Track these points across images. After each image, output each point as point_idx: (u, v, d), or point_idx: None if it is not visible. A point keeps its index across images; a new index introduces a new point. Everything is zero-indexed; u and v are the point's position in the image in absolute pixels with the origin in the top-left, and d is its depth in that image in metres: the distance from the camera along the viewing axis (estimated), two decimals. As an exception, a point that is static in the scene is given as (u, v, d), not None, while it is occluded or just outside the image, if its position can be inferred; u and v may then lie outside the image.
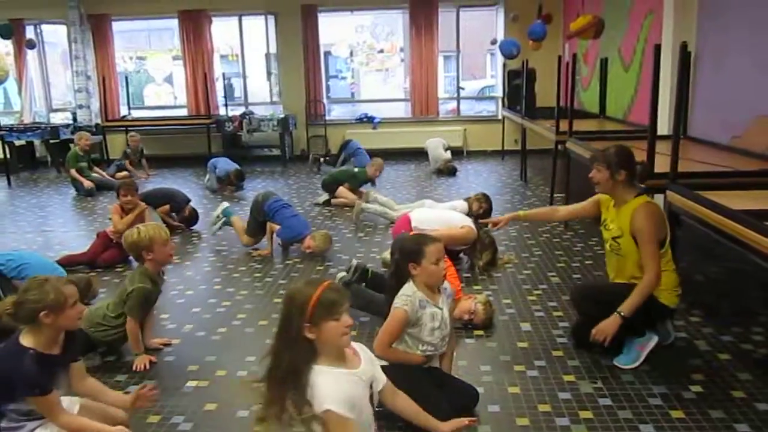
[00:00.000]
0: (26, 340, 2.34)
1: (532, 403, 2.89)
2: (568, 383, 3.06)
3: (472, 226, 4.92)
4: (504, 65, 10.29)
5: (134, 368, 3.31)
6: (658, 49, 3.55)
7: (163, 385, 3.12)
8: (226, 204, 5.84)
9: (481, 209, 6.07)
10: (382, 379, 2.28)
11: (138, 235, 3.37)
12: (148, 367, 3.33)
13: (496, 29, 11.27)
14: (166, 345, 3.62)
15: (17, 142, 10.41)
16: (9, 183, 9.23)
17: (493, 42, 10.89)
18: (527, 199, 7.33)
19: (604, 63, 7.32)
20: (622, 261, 3.27)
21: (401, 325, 2.73)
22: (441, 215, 5.19)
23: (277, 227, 5.35)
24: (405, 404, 2.43)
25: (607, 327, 3.06)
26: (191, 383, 3.18)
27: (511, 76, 9.76)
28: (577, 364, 3.25)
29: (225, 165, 8.38)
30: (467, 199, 6.23)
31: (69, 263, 4.92)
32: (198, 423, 2.78)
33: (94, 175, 8.79)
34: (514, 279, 4.58)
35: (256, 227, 5.51)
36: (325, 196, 7.45)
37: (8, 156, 9.84)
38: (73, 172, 8.51)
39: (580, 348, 3.39)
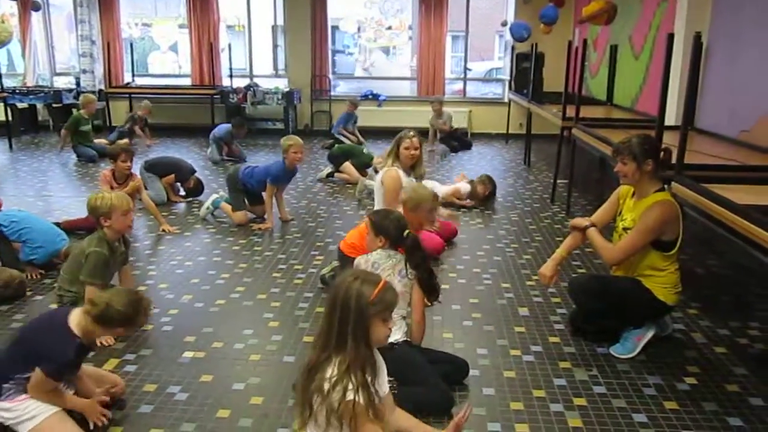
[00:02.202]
0: (75, 324, 2.38)
1: (527, 388, 2.89)
2: (563, 370, 3.07)
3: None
4: (512, 48, 10.20)
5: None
6: (671, 38, 3.50)
7: (160, 355, 3.14)
8: (215, 195, 5.81)
9: (486, 191, 6.13)
10: (386, 387, 2.26)
11: (99, 201, 3.40)
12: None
13: (506, 11, 11.16)
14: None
15: (20, 105, 10.36)
16: (10, 146, 9.19)
17: (504, 24, 10.78)
18: (530, 183, 7.30)
19: (613, 50, 7.25)
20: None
21: None
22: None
23: (272, 188, 5.39)
24: (403, 418, 2.38)
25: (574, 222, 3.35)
26: (188, 354, 3.19)
27: (519, 59, 9.68)
28: (573, 351, 3.26)
29: (225, 128, 8.35)
30: (471, 182, 6.26)
31: (71, 228, 4.92)
32: (194, 394, 2.79)
33: (97, 141, 8.74)
34: (514, 264, 4.58)
35: (239, 198, 5.55)
36: (328, 170, 7.43)
37: (10, 119, 9.78)
38: (64, 132, 8.45)
39: (576, 335, 3.40)
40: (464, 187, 6.26)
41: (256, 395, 2.81)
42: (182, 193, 6.42)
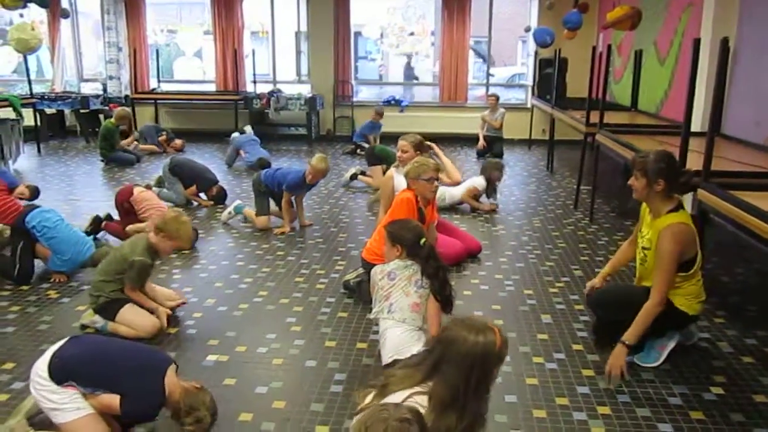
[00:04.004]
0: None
1: (550, 395, 2.88)
2: (587, 378, 3.04)
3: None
4: (535, 53, 10.16)
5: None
6: (697, 43, 3.47)
7: (184, 358, 3.17)
8: (238, 201, 5.87)
9: (498, 175, 6.22)
10: None
11: (179, 225, 3.47)
12: (165, 323, 3.48)
13: (529, 16, 11.12)
14: (181, 305, 3.73)
15: (48, 111, 10.53)
16: (39, 150, 9.36)
17: (527, 29, 10.73)
18: (552, 189, 7.26)
19: (638, 55, 7.19)
20: (646, 272, 3.22)
21: None
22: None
23: (285, 187, 5.43)
24: None
25: (616, 360, 2.95)
26: (211, 357, 3.22)
27: (542, 64, 9.64)
28: (597, 358, 3.23)
29: (253, 150, 8.39)
30: (483, 172, 6.29)
31: (109, 230, 5.15)
32: (217, 397, 2.78)
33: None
34: (537, 270, 4.55)
35: (263, 203, 5.58)
36: (352, 170, 7.45)
37: (39, 124, 9.95)
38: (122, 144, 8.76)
39: (600, 343, 3.37)
40: (479, 182, 6.26)
41: (278, 399, 2.83)
42: (204, 197, 6.48)
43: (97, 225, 5.09)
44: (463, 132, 10.53)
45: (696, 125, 4.97)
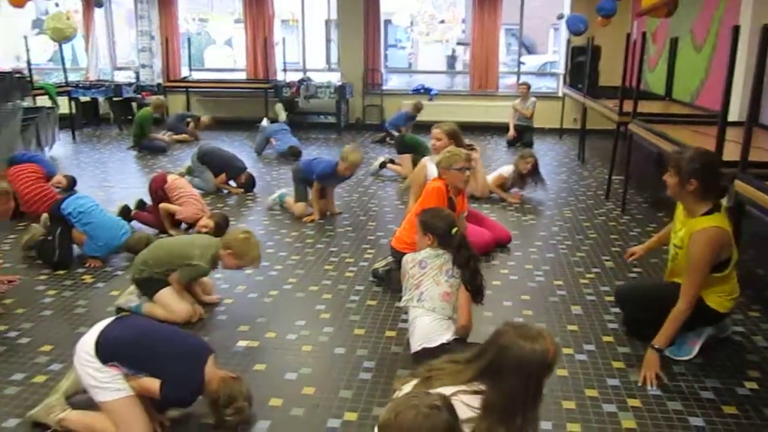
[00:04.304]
0: None
1: (579, 387, 2.86)
2: (617, 370, 3.02)
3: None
4: (568, 41, 10.01)
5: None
6: (736, 30, 3.39)
7: (215, 343, 3.19)
8: (283, 189, 5.92)
9: (528, 165, 6.11)
10: None
11: (249, 246, 3.43)
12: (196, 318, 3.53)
13: (562, 3, 10.95)
14: (216, 302, 3.75)
15: (82, 99, 10.71)
16: (74, 138, 9.53)
17: (560, 17, 10.58)
18: (584, 179, 7.17)
19: (673, 43, 7.04)
20: (676, 268, 3.15)
21: None
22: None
23: (315, 175, 5.46)
24: None
25: (649, 367, 2.90)
26: (242, 343, 3.26)
27: (574, 52, 9.50)
28: (628, 351, 3.20)
29: (284, 138, 8.45)
30: (514, 163, 6.24)
31: (140, 220, 5.24)
32: (247, 382, 2.83)
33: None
34: (567, 260, 4.51)
35: (302, 190, 5.61)
36: (381, 159, 7.45)
37: (74, 111, 10.13)
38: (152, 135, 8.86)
39: (631, 335, 3.33)
40: (506, 170, 6.23)
41: (307, 385, 2.86)
42: (234, 184, 6.55)
43: (126, 214, 5.16)
44: (494, 121, 10.45)
45: (733, 115, 4.87)
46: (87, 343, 2.42)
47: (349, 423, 2.59)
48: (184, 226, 5.15)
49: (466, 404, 1.88)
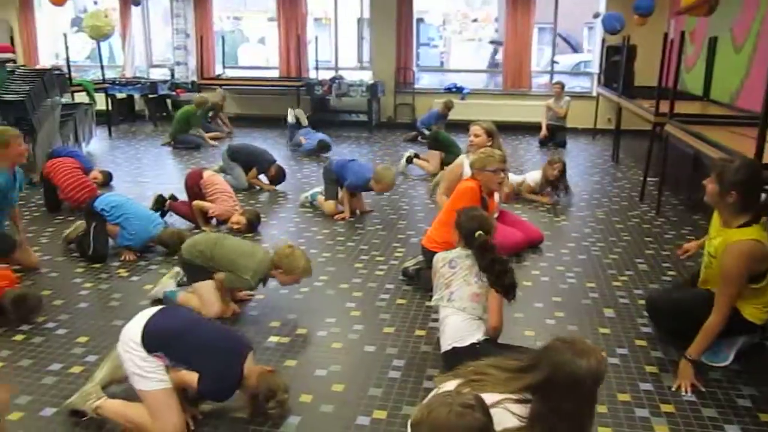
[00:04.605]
0: None
1: (611, 391, 2.82)
2: (650, 374, 2.97)
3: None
4: (603, 40, 9.88)
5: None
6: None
7: (247, 336, 3.24)
8: (316, 188, 5.95)
9: (556, 170, 6.02)
10: None
11: (287, 258, 3.44)
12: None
13: (598, 2, 10.81)
14: (248, 300, 3.77)
15: (119, 95, 10.89)
16: (110, 134, 9.70)
17: (596, 16, 10.44)
18: (617, 180, 7.07)
19: (712, 42, 6.89)
20: (710, 277, 3.07)
21: None
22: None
23: (346, 181, 5.48)
24: None
25: (684, 377, 2.85)
26: (273, 339, 3.29)
27: (609, 51, 9.36)
28: (661, 355, 3.15)
29: (313, 136, 8.52)
30: (543, 167, 6.17)
31: (175, 210, 5.33)
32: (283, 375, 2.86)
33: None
34: (600, 263, 4.45)
35: (332, 189, 5.62)
36: (408, 154, 7.44)
37: (110, 108, 10.31)
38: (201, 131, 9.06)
39: (664, 340, 3.27)
40: (533, 178, 6.15)
41: (337, 382, 2.87)
42: (265, 180, 6.60)
43: (161, 204, 5.26)
44: (526, 120, 10.36)
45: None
46: (133, 331, 2.46)
47: (378, 421, 2.60)
48: (215, 221, 5.21)
49: (513, 413, 1.87)
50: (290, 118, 8.92)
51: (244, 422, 2.57)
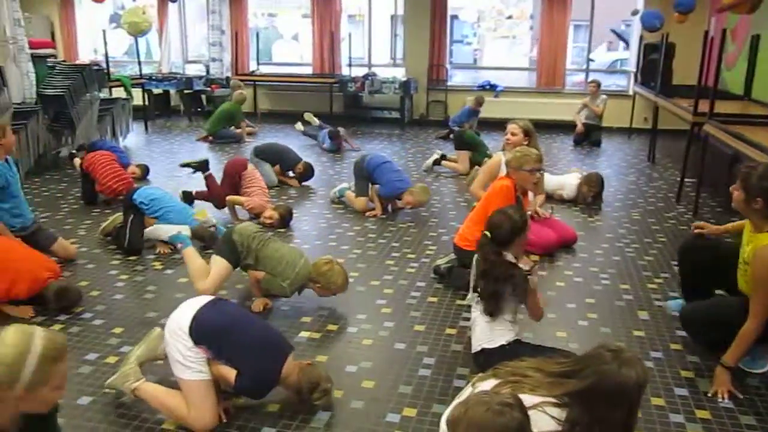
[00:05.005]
0: None
1: (645, 395, 2.73)
2: (685, 379, 2.92)
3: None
4: (640, 38, 9.71)
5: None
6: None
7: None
8: (344, 184, 5.96)
9: (591, 193, 5.85)
10: None
11: (325, 275, 3.50)
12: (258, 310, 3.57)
13: (635, -1, 10.62)
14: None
15: (155, 91, 11.06)
16: (146, 128, 9.85)
17: (634, 13, 10.24)
18: (653, 181, 6.95)
19: (755, 40, 6.72)
20: (745, 285, 2.97)
21: None
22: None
23: (377, 186, 5.47)
24: None
25: (720, 384, 2.79)
26: (304, 334, 3.31)
27: (647, 49, 9.19)
28: (697, 360, 3.09)
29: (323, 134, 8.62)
30: (579, 182, 5.94)
31: (200, 198, 5.43)
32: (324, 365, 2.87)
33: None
34: (634, 264, 4.38)
35: (363, 186, 5.61)
36: (435, 156, 7.41)
37: (146, 103, 10.47)
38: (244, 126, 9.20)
39: (701, 344, 3.21)
40: (569, 185, 6.00)
41: (367, 379, 2.88)
42: (292, 175, 6.64)
43: (189, 199, 5.40)
44: (560, 119, 10.23)
45: (819, 117, 4.62)
46: (183, 319, 2.49)
47: (408, 418, 2.59)
48: (248, 215, 5.26)
49: (551, 416, 1.86)
50: (298, 126, 9.08)
51: (275, 416, 2.59)
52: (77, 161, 6.04)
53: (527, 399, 1.83)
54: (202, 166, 5.46)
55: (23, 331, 1.72)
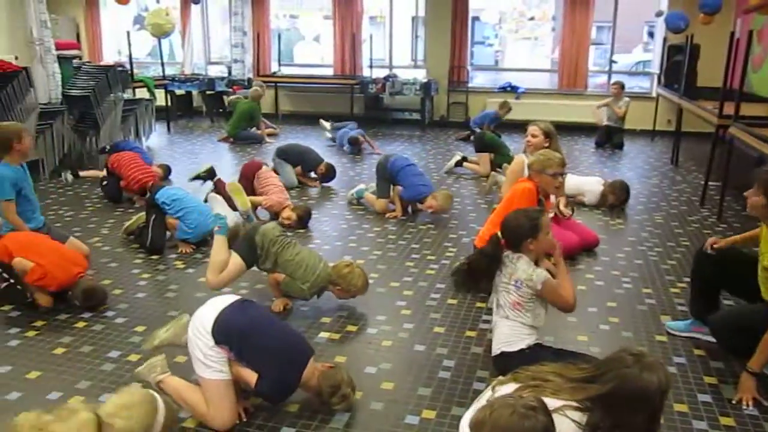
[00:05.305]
0: None
1: (668, 401, 2.72)
2: (709, 385, 2.88)
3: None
4: (664, 39, 9.60)
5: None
6: None
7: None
8: (361, 185, 5.97)
9: (616, 201, 5.79)
10: None
11: (345, 278, 3.53)
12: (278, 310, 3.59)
13: (660, 0, 10.51)
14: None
15: (177, 92, 11.17)
16: (168, 129, 9.95)
17: (659, 14, 10.14)
18: (676, 184, 6.87)
19: (782, 42, 6.63)
20: (767, 291, 2.94)
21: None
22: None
23: (399, 188, 5.46)
24: None
25: (745, 390, 2.75)
26: (323, 334, 3.32)
27: (671, 51, 9.10)
28: (721, 366, 3.04)
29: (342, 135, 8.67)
30: (603, 189, 5.87)
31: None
32: (346, 369, 2.86)
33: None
34: (657, 268, 4.33)
35: (385, 187, 5.59)
36: (457, 157, 7.38)
37: (169, 104, 10.58)
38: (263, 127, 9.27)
39: (725, 350, 3.16)
40: (590, 191, 5.92)
41: (387, 380, 2.88)
42: (313, 175, 6.66)
43: (208, 175, 5.60)
44: (582, 121, 10.16)
45: None
46: (206, 318, 2.51)
47: (427, 421, 2.59)
48: (267, 215, 5.28)
49: (573, 420, 1.85)
50: (328, 134, 9.14)
51: (295, 416, 2.60)
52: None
53: (549, 402, 1.82)
54: (209, 173, 5.54)
55: (150, 401, 2.17)
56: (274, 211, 5.25)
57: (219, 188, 5.41)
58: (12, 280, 3.53)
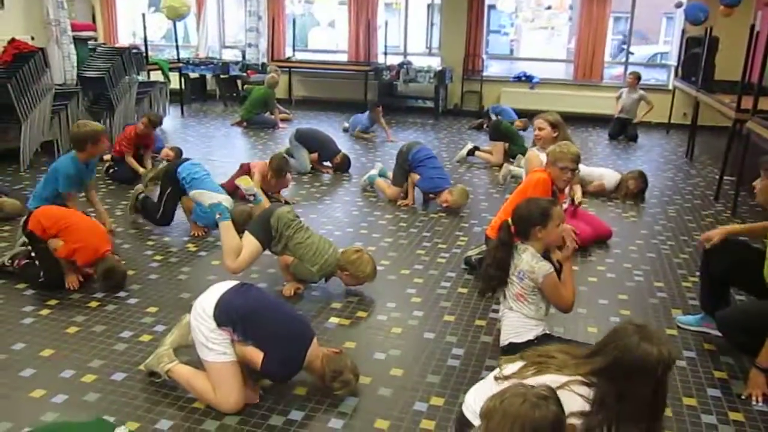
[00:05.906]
0: None
1: (677, 395, 2.74)
2: (719, 380, 2.87)
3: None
4: (683, 31, 9.49)
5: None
6: None
7: (308, 316, 3.29)
8: (374, 171, 5.97)
9: (637, 188, 5.78)
10: None
11: (354, 264, 3.56)
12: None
13: (678, -9, 10.36)
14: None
15: (192, 75, 11.18)
16: (182, 112, 9.97)
17: (678, 5, 10.02)
18: (691, 178, 6.81)
19: (803, 36, 6.52)
20: None
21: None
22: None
23: (417, 177, 5.44)
24: None
25: (754, 386, 2.73)
26: (334, 320, 3.33)
27: (689, 43, 8.99)
28: (731, 361, 3.03)
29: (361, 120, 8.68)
30: (623, 176, 5.90)
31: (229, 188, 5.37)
32: (351, 355, 2.88)
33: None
34: (669, 262, 4.31)
35: (401, 176, 5.57)
36: (469, 146, 7.35)
37: (183, 87, 10.59)
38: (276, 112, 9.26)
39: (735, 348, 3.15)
40: (609, 180, 5.93)
41: (396, 367, 2.89)
42: (328, 164, 6.66)
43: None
44: (597, 112, 10.08)
45: None
46: (207, 302, 2.54)
47: (436, 408, 2.60)
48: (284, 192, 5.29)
49: (579, 394, 1.86)
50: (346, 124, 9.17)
51: (304, 399, 2.62)
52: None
53: (554, 378, 1.83)
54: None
55: None
56: (262, 174, 5.31)
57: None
58: (33, 257, 3.58)
